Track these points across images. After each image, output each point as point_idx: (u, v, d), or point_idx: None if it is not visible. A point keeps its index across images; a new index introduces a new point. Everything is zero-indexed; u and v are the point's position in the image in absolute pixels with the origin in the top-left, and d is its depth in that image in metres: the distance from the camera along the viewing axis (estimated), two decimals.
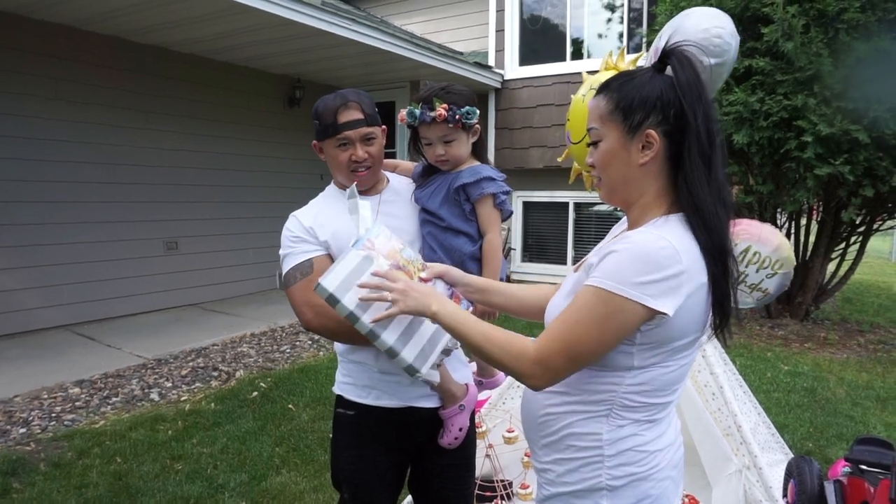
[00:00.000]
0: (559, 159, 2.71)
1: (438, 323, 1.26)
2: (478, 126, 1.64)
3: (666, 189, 1.19)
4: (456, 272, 1.48)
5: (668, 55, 1.17)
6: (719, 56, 1.60)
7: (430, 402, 1.64)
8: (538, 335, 1.18)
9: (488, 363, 1.25)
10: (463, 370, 1.74)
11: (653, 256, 1.07)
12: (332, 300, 1.30)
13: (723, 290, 1.14)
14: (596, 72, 2.33)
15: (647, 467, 1.19)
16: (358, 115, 1.58)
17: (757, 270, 2.50)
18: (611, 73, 2.02)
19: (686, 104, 1.13)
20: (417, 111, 1.57)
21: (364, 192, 1.68)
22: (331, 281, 1.30)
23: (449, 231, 1.60)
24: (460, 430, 1.65)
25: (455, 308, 1.27)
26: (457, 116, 1.54)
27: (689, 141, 1.14)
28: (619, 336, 1.09)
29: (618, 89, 1.19)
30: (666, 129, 1.15)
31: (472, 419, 1.74)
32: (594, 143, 1.23)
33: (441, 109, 1.53)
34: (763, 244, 2.45)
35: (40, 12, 5.15)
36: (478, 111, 1.60)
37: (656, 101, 1.14)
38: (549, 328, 1.15)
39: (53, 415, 3.75)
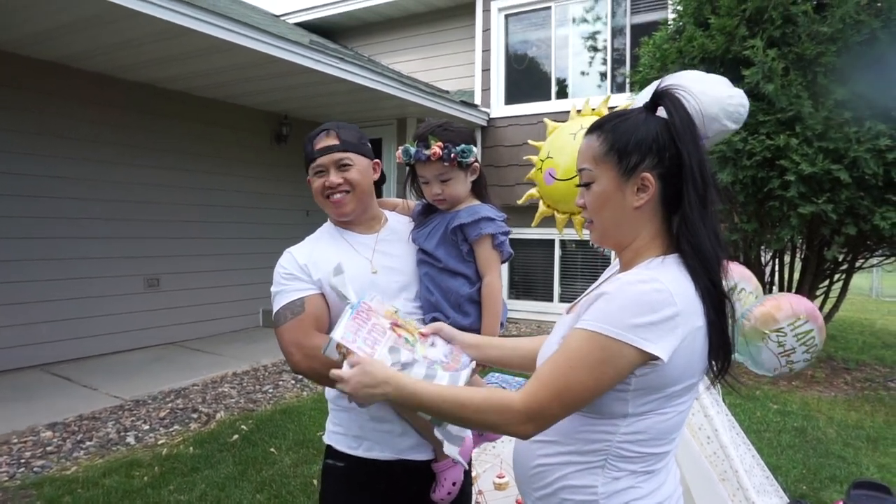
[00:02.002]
0: (519, 202, 2.49)
1: (397, 406, 1.20)
2: (477, 164, 1.60)
3: (660, 231, 1.17)
4: (448, 330, 1.43)
5: (660, 97, 1.16)
6: (738, 123, 1.66)
7: (423, 455, 1.57)
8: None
9: (470, 428, 1.17)
10: None
11: (646, 298, 1.04)
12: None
13: (720, 332, 1.11)
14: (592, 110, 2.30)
15: None
16: (332, 142, 1.57)
17: (800, 345, 2.37)
18: (593, 118, 2.02)
19: (681, 146, 1.12)
20: (412, 149, 1.54)
21: (359, 228, 1.65)
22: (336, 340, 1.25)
23: (445, 272, 1.55)
24: (454, 484, 1.57)
25: (410, 382, 1.17)
26: (452, 155, 1.51)
27: (686, 183, 1.12)
28: (614, 381, 1.05)
29: (612, 130, 1.17)
30: (661, 172, 1.13)
31: (467, 472, 1.67)
32: (586, 185, 1.21)
33: (436, 148, 1.50)
34: (813, 321, 2.31)
35: (26, 49, 5.14)
36: (475, 149, 1.57)
37: (652, 143, 1.13)
38: (538, 374, 1.11)
39: (23, 461, 3.59)
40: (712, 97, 1.74)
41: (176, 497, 3.21)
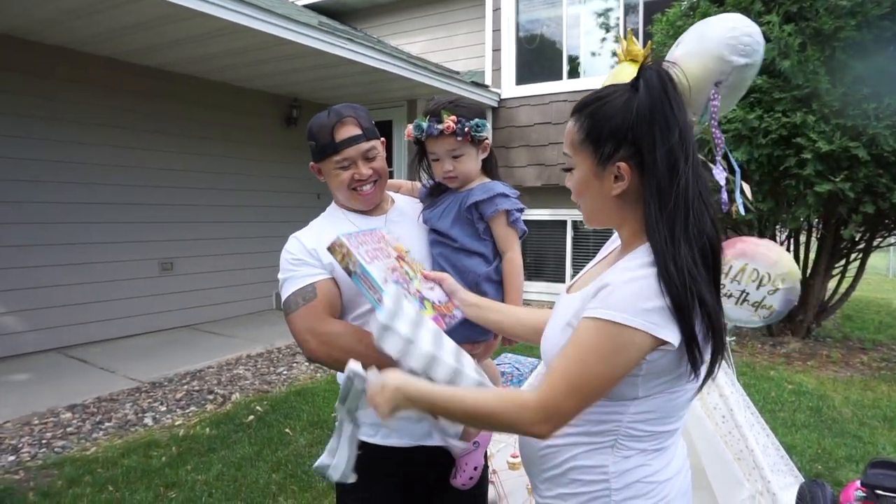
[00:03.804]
0: None
1: (415, 411, 1.16)
2: (488, 141, 1.57)
3: None
4: (451, 282, 1.46)
5: (638, 74, 1.10)
6: (748, 56, 1.60)
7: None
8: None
9: (484, 429, 1.15)
10: None
11: (651, 283, 1.02)
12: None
13: (694, 343, 1.04)
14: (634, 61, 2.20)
15: (656, 499, 1.13)
16: (356, 131, 1.51)
17: (757, 288, 2.43)
18: (629, 66, 1.92)
19: (640, 134, 1.06)
20: (424, 124, 1.51)
21: (369, 212, 1.62)
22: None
23: (462, 252, 1.53)
24: (475, 469, 1.55)
25: (424, 387, 1.16)
26: (465, 129, 1.48)
27: (646, 178, 1.07)
28: (628, 368, 1.03)
29: (590, 115, 1.13)
30: (639, 161, 1.09)
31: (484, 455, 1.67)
32: (568, 170, 1.19)
33: (449, 122, 1.47)
34: (759, 261, 2.39)
35: (36, 34, 5.14)
36: (487, 124, 1.54)
37: (627, 131, 1.08)
38: (550, 370, 1.08)
39: (44, 441, 3.66)
40: (713, 37, 1.66)
41: (193, 476, 3.26)
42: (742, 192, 2.09)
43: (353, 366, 1.20)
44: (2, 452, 3.48)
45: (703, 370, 1.09)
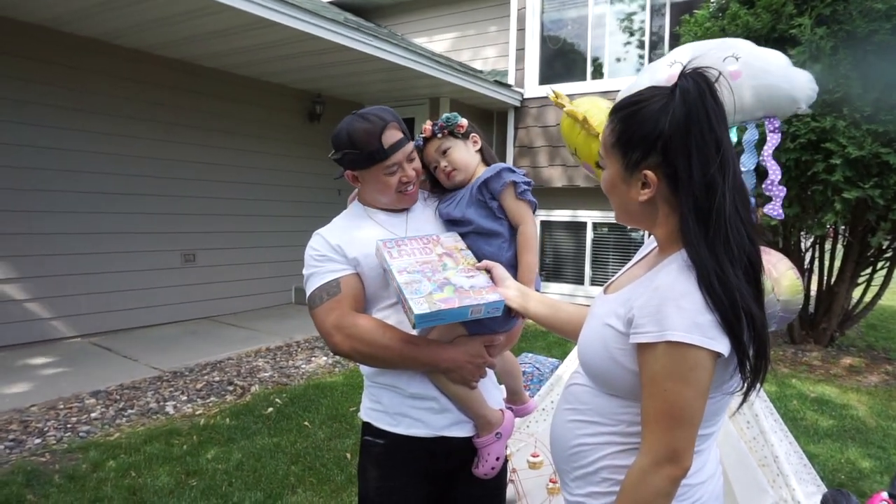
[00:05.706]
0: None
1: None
2: (475, 136, 1.64)
3: None
4: (500, 271, 1.47)
5: (678, 81, 1.07)
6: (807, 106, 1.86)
7: (464, 431, 1.56)
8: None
9: None
10: (497, 395, 1.67)
11: (698, 297, 1.00)
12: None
13: (745, 356, 1.03)
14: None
15: (689, 501, 1.13)
16: (399, 135, 1.54)
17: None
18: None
19: (673, 146, 1.04)
20: (416, 141, 1.64)
21: (394, 209, 1.64)
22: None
23: (480, 235, 1.55)
24: (497, 459, 1.56)
25: None
26: (439, 124, 1.60)
27: (683, 193, 1.05)
28: (709, 381, 1.01)
29: (624, 119, 1.12)
30: (668, 172, 1.07)
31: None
32: (601, 167, 1.20)
33: (426, 125, 1.62)
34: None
35: (67, 25, 5.23)
36: (460, 117, 1.62)
37: (656, 140, 1.06)
38: (643, 418, 1.05)
39: (69, 426, 3.72)
40: (800, 83, 1.84)
41: (214, 465, 3.29)
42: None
43: None
44: (29, 435, 3.56)
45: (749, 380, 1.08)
